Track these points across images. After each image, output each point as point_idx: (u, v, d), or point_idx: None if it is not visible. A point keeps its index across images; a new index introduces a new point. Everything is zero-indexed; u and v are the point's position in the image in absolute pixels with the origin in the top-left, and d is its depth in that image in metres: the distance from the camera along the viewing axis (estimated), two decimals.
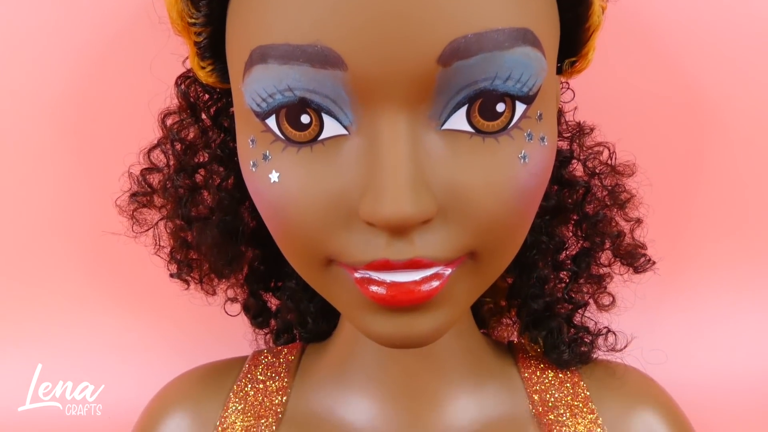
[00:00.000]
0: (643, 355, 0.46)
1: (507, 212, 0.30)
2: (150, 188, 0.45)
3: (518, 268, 0.45)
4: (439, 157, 0.29)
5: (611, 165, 0.47)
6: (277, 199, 0.31)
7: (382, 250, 0.29)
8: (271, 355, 0.47)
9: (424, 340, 0.32)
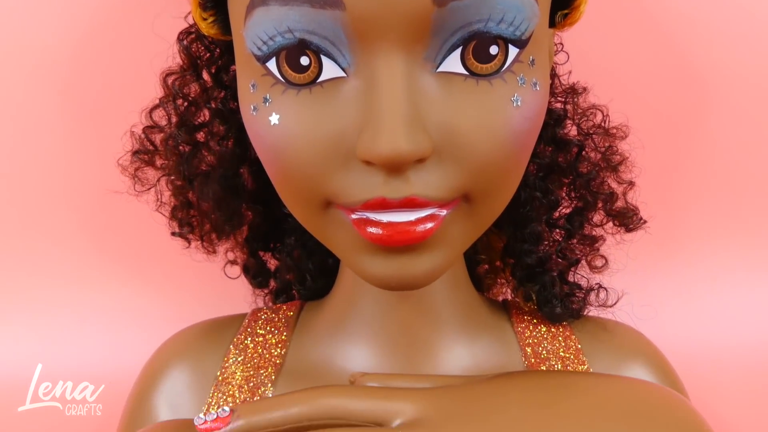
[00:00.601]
0: (633, 311, 0.47)
1: (500, 154, 0.31)
2: (153, 146, 0.46)
3: (512, 226, 0.46)
4: (434, 98, 0.30)
5: (604, 127, 0.48)
6: (277, 140, 0.32)
7: (378, 189, 0.30)
8: (270, 311, 0.48)
9: (420, 282, 0.33)
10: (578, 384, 0.32)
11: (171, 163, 0.46)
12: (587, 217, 0.47)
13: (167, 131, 0.46)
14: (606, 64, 0.56)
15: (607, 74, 0.51)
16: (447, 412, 0.29)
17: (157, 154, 0.47)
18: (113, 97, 0.57)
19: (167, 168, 0.47)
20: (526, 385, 0.31)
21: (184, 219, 0.48)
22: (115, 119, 0.48)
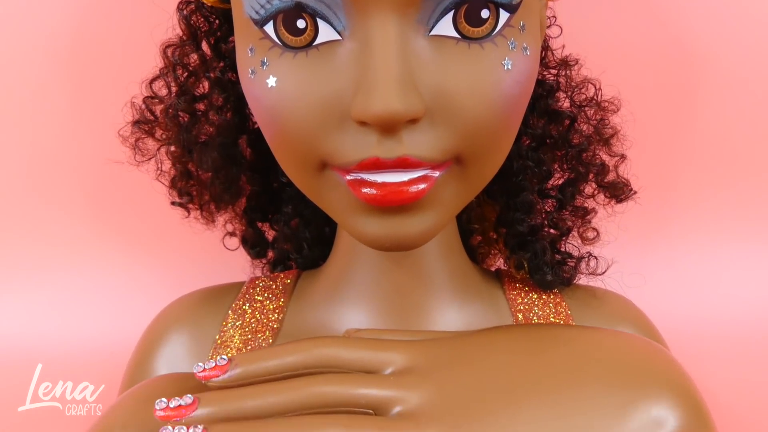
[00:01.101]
0: (622, 279, 0.48)
1: (491, 117, 0.32)
2: (153, 116, 0.47)
3: (505, 195, 0.47)
4: (426, 60, 0.31)
5: (597, 101, 0.49)
6: (274, 102, 0.32)
7: (372, 149, 0.31)
8: (268, 279, 0.49)
9: (413, 242, 0.34)
10: (564, 334, 0.33)
11: (171, 133, 0.47)
12: (579, 188, 0.48)
13: (167, 102, 0.47)
14: (598, 37, 0.58)
15: (598, 47, 0.52)
16: (436, 360, 0.30)
17: (157, 125, 0.48)
18: (113, 69, 0.58)
19: (167, 138, 0.48)
20: (512, 335, 0.32)
21: (183, 188, 0.49)
22: (116, 90, 0.49)
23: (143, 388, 0.34)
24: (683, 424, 0.27)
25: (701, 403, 0.29)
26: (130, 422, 0.31)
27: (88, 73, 0.61)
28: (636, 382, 0.28)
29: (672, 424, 0.27)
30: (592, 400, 0.27)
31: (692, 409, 0.28)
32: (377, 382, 0.28)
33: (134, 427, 0.31)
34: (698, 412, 0.28)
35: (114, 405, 0.34)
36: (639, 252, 0.61)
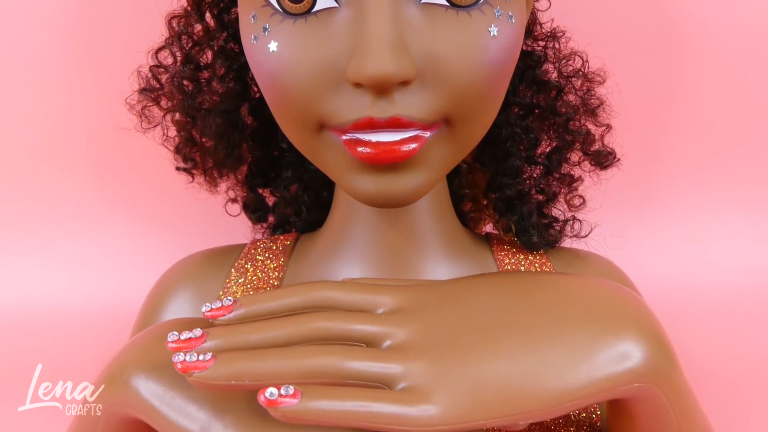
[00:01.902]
0: (605, 241, 0.50)
1: (478, 80, 0.34)
2: (159, 84, 0.49)
3: (495, 162, 0.50)
4: (417, 26, 0.33)
5: (584, 72, 0.51)
6: (275, 66, 0.35)
7: (366, 109, 0.33)
8: (268, 241, 0.51)
9: (405, 199, 0.37)
10: (542, 279, 0.35)
11: (176, 101, 0.49)
12: (565, 155, 0.51)
13: (172, 70, 0.49)
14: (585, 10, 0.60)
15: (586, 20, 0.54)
16: (423, 301, 0.32)
17: (163, 93, 0.50)
18: (120, 38, 0.61)
19: (172, 105, 0.50)
20: (495, 280, 0.35)
21: (188, 155, 0.52)
22: (123, 60, 0.51)
23: (154, 329, 0.37)
24: (647, 358, 0.30)
25: (665, 341, 0.32)
26: (143, 359, 0.34)
27: (95, 42, 0.64)
28: (606, 320, 0.31)
29: (637, 357, 0.30)
30: (566, 336, 0.30)
31: (656, 345, 0.31)
32: (369, 320, 0.31)
33: (147, 363, 0.33)
34: (662, 348, 0.31)
35: (126, 345, 0.36)
36: (621, 215, 0.64)
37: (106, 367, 0.36)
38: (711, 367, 0.61)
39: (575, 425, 0.41)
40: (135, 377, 0.33)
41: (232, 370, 0.28)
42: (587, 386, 0.29)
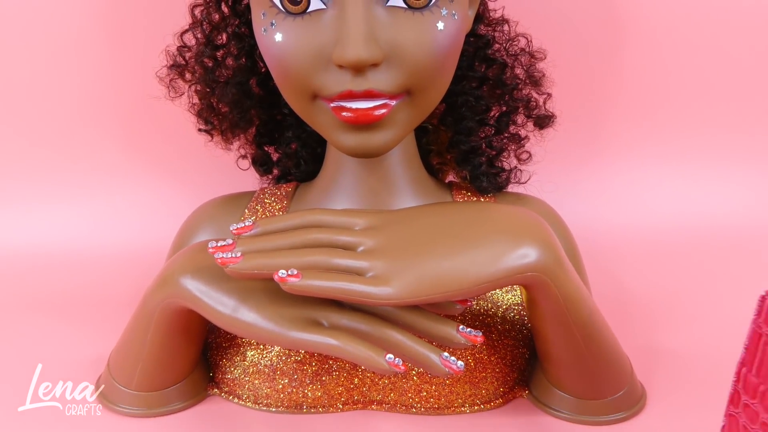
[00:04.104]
0: (540, 186, 0.63)
1: (430, 61, 0.46)
2: (184, 61, 0.61)
3: (453, 123, 0.62)
4: (384, 23, 0.45)
5: (529, 51, 0.63)
6: (280, 52, 0.47)
7: (347, 84, 0.45)
8: (274, 188, 0.63)
9: (378, 150, 0.49)
10: (473, 205, 0.48)
11: (198, 75, 0.61)
12: (512, 118, 0.63)
13: (194, 50, 0.61)
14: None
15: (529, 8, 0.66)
16: (386, 221, 0.45)
17: (187, 69, 0.62)
18: (151, 23, 0.72)
19: (194, 79, 0.62)
20: (438, 206, 0.48)
21: (207, 118, 0.64)
22: (154, 41, 0.63)
23: (193, 246, 0.50)
24: (539, 257, 0.43)
25: (555, 247, 0.44)
26: (188, 265, 0.47)
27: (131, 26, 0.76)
28: (513, 232, 0.43)
29: (533, 256, 0.43)
30: (484, 241, 0.43)
31: (547, 250, 0.43)
32: (348, 233, 0.44)
33: (191, 267, 0.46)
34: (551, 251, 0.44)
35: (174, 257, 0.49)
36: (572, 169, 0.77)
37: (160, 272, 0.49)
38: (635, 291, 0.74)
39: (511, 323, 0.54)
40: (183, 277, 0.46)
41: (254, 263, 0.41)
42: (496, 273, 0.42)
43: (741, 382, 0.36)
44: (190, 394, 0.54)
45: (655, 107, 0.83)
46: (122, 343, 0.53)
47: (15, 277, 0.79)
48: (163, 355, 0.51)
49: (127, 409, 0.53)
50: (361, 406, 0.54)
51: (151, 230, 0.84)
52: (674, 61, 0.83)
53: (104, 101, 0.82)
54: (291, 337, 0.42)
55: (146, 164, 0.85)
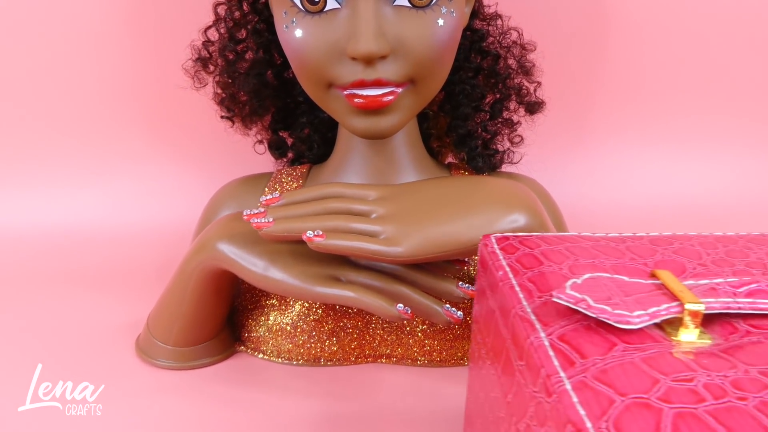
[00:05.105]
0: (531, 166, 0.70)
1: (431, 54, 0.53)
2: (208, 54, 0.68)
3: (451, 110, 0.69)
4: (391, 20, 0.52)
5: (520, 43, 0.70)
6: (300, 46, 0.53)
7: (359, 74, 0.52)
8: (290, 169, 0.70)
9: (385, 132, 0.55)
10: (469, 178, 0.54)
11: (220, 67, 0.68)
12: (505, 105, 0.70)
13: (217, 44, 0.67)
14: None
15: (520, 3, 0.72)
16: (394, 193, 0.52)
17: (210, 61, 0.69)
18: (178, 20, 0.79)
19: (217, 70, 0.69)
20: (439, 180, 0.54)
21: (229, 106, 0.70)
22: (176, 35, 0.69)
23: (226, 216, 0.56)
24: (527, 222, 0.49)
25: (541, 214, 0.51)
26: (223, 232, 0.54)
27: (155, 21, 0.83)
28: (504, 201, 0.50)
29: (521, 221, 0.49)
30: (479, 209, 0.49)
31: (534, 216, 0.50)
32: (363, 203, 0.51)
33: (226, 234, 0.53)
34: (538, 218, 0.50)
35: (209, 226, 0.56)
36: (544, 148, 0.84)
37: (197, 240, 0.56)
38: None
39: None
40: (219, 242, 0.53)
41: (285, 227, 0.48)
42: None
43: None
44: (219, 350, 0.61)
45: (637, 95, 0.91)
46: (161, 304, 0.60)
47: (45, 254, 0.86)
48: (198, 313, 0.58)
49: (165, 363, 0.60)
50: (371, 359, 0.61)
51: (172, 211, 0.91)
52: (655, 51, 0.90)
53: (130, 93, 0.89)
54: (315, 292, 0.49)
55: (168, 150, 0.93)
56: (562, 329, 0.31)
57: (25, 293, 0.76)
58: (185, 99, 0.76)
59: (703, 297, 0.32)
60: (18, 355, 0.62)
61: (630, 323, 0.30)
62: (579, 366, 0.28)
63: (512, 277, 0.36)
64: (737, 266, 0.38)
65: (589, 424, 0.24)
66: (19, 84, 0.89)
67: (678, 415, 0.25)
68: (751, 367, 0.28)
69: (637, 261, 0.38)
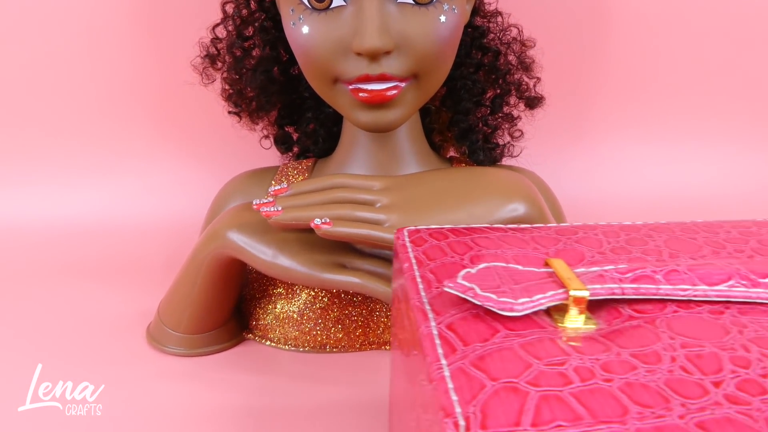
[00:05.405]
0: (530, 159, 0.72)
1: (433, 49, 0.55)
2: (216, 51, 0.69)
3: (453, 105, 0.70)
4: (395, 17, 0.53)
5: (520, 40, 0.71)
6: (307, 42, 0.55)
7: (364, 69, 0.54)
8: (296, 162, 0.72)
9: (389, 126, 0.57)
10: (470, 169, 0.56)
11: (228, 63, 0.70)
12: (505, 100, 0.72)
13: (225, 42, 0.69)
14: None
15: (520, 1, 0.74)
16: (398, 184, 0.54)
17: (218, 58, 0.70)
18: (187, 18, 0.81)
19: (225, 67, 0.70)
20: (442, 172, 0.56)
21: (236, 102, 0.72)
22: (189, 33, 0.71)
23: (235, 207, 0.58)
24: (527, 210, 0.51)
25: (539, 203, 0.53)
26: (232, 221, 0.55)
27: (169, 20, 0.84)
28: (505, 190, 0.52)
29: (521, 210, 0.51)
30: (481, 196, 0.51)
31: (533, 205, 0.52)
32: (368, 192, 0.52)
33: (235, 223, 0.55)
34: (536, 206, 0.52)
35: (219, 216, 0.58)
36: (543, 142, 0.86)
37: (208, 230, 0.58)
38: None
39: None
40: (229, 232, 0.55)
41: (293, 215, 0.50)
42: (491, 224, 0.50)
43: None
44: (228, 337, 0.63)
45: (634, 90, 0.93)
46: (172, 292, 0.62)
47: (56, 246, 0.88)
48: (209, 300, 0.60)
49: (174, 350, 0.62)
50: (375, 346, 0.63)
51: (180, 205, 0.93)
52: (653, 48, 0.92)
53: (139, 90, 0.91)
54: (322, 278, 0.51)
55: (176, 146, 0.95)
56: (452, 318, 0.31)
57: (34, 287, 0.78)
58: (193, 96, 0.78)
59: (590, 284, 0.32)
60: (19, 354, 0.62)
61: (513, 310, 0.30)
62: (460, 353, 0.28)
63: (416, 268, 0.36)
64: (633, 254, 0.38)
65: (459, 409, 0.24)
66: (27, 80, 0.91)
67: (543, 398, 0.25)
68: (623, 350, 0.29)
69: (540, 251, 0.38)
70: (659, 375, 0.27)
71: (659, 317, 0.32)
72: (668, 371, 0.27)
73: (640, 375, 0.27)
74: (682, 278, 0.33)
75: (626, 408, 0.25)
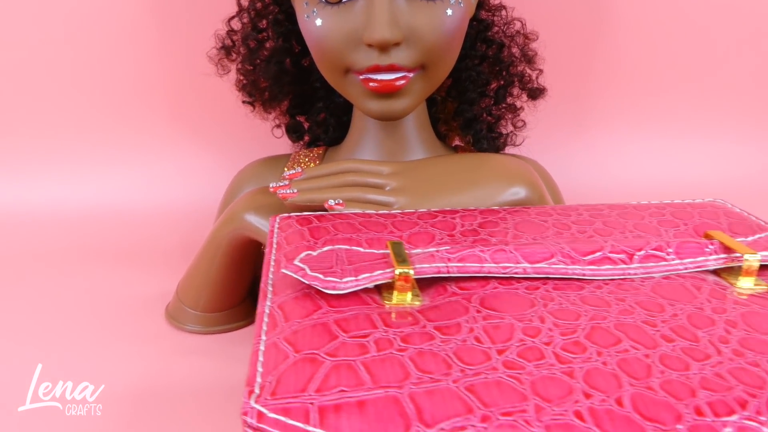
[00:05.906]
0: (532, 148, 0.75)
1: (440, 41, 0.57)
2: (232, 42, 0.72)
3: (458, 95, 0.73)
4: (404, 10, 0.56)
5: (523, 33, 0.74)
6: (320, 34, 0.58)
7: (374, 60, 0.57)
8: (307, 150, 0.75)
9: (398, 114, 0.60)
10: (475, 155, 0.58)
11: (242, 55, 0.73)
12: (509, 91, 0.74)
13: (240, 34, 0.72)
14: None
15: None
16: (406, 169, 0.56)
17: (233, 49, 0.73)
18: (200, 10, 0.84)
19: (240, 58, 0.73)
20: (447, 157, 0.59)
21: (250, 92, 0.75)
22: (203, 25, 0.74)
23: (251, 191, 0.61)
24: (527, 194, 0.53)
25: (539, 187, 0.55)
26: (249, 204, 0.58)
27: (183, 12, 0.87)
28: (507, 174, 0.54)
29: (522, 194, 0.53)
30: (484, 181, 0.53)
31: (533, 189, 0.54)
32: (378, 177, 0.55)
33: (252, 206, 0.58)
34: (536, 190, 0.54)
35: (237, 200, 0.61)
36: (544, 132, 0.89)
37: (225, 212, 0.61)
38: None
39: None
40: (247, 214, 0.58)
41: (308, 197, 0.53)
42: (493, 207, 0.53)
43: None
44: (244, 315, 0.66)
45: (634, 82, 0.95)
46: (191, 272, 0.65)
47: (76, 232, 0.91)
48: (226, 280, 0.63)
49: (192, 327, 0.65)
50: None
51: (195, 191, 0.96)
52: (654, 40, 0.94)
53: (157, 80, 0.94)
54: None
55: (192, 135, 0.98)
56: (285, 297, 0.33)
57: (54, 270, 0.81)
58: (209, 87, 0.81)
59: (419, 263, 0.34)
60: (19, 353, 0.62)
61: (336, 288, 0.32)
62: (279, 329, 0.30)
63: (274, 252, 0.38)
64: (481, 235, 0.40)
65: (259, 380, 0.26)
66: (49, 71, 0.94)
67: (334, 366, 0.27)
68: (430, 323, 0.30)
69: (394, 234, 0.40)
70: (452, 345, 0.29)
71: (477, 293, 0.34)
72: (462, 341, 0.29)
73: (435, 345, 0.29)
74: (507, 257, 0.36)
75: (408, 374, 0.26)
